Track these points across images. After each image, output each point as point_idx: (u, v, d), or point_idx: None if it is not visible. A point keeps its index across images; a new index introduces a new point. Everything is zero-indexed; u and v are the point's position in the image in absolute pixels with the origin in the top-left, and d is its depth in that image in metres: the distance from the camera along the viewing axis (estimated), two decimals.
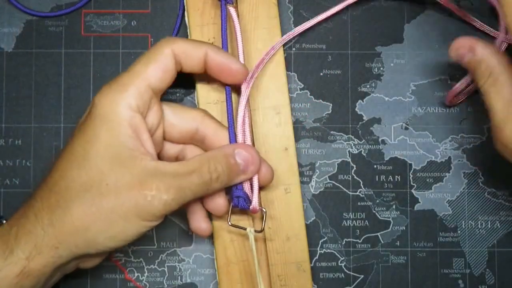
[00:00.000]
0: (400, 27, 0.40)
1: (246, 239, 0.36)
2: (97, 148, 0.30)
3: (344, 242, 0.39)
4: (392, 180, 0.39)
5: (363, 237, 0.39)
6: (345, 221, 0.39)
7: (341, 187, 0.39)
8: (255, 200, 0.34)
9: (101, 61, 0.40)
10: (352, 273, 0.39)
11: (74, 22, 0.40)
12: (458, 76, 0.39)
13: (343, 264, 0.39)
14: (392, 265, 0.39)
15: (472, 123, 0.40)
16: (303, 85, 0.40)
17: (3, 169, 0.39)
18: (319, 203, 0.39)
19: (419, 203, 0.39)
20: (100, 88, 0.31)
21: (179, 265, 0.39)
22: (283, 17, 0.39)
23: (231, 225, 0.35)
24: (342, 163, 0.39)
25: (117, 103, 0.30)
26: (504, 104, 0.31)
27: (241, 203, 0.34)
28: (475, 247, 0.39)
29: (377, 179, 0.39)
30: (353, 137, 0.40)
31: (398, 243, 0.39)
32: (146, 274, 0.39)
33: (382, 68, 0.40)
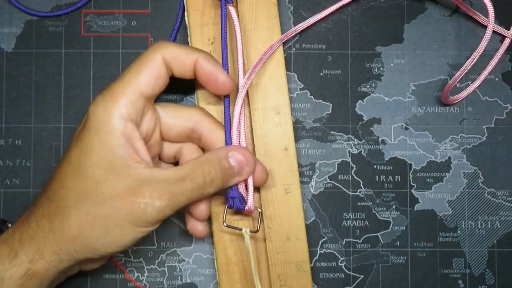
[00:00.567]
0: (400, 27, 0.40)
1: None
2: (91, 158, 0.30)
3: (344, 242, 0.39)
4: (392, 180, 0.39)
5: (363, 237, 0.39)
6: (345, 221, 0.39)
7: (341, 187, 0.39)
8: (250, 201, 0.34)
9: (101, 61, 0.40)
10: (352, 273, 0.39)
11: (74, 22, 0.40)
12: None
13: (343, 264, 0.39)
14: (392, 265, 0.39)
15: (472, 123, 0.40)
16: (303, 85, 0.40)
17: (3, 169, 0.39)
18: (319, 203, 0.39)
19: (419, 203, 0.39)
20: (95, 97, 0.32)
21: (179, 265, 0.39)
22: (283, 17, 0.39)
23: (227, 226, 0.35)
24: (342, 163, 0.39)
25: (109, 113, 0.30)
26: None
27: (236, 203, 0.34)
28: (475, 247, 0.39)
29: (377, 179, 0.39)
30: (353, 137, 0.40)
31: (398, 243, 0.39)
32: (146, 274, 0.39)
33: (382, 68, 0.40)
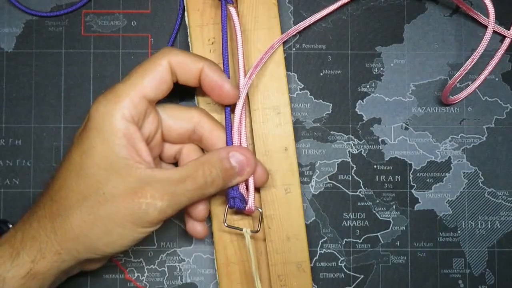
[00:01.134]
0: (400, 27, 0.40)
1: None
2: (93, 158, 0.30)
3: (344, 242, 0.39)
4: (392, 180, 0.39)
5: (363, 237, 0.39)
6: (345, 221, 0.39)
7: (341, 187, 0.39)
8: (250, 201, 0.34)
9: (101, 61, 0.40)
10: (352, 273, 0.39)
11: (74, 22, 0.40)
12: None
13: (343, 264, 0.39)
14: (392, 265, 0.39)
15: (472, 123, 0.40)
16: (303, 85, 0.40)
17: (3, 169, 0.39)
18: (319, 203, 0.39)
19: (419, 203, 0.39)
20: (97, 97, 0.32)
21: (179, 265, 0.39)
22: (283, 17, 0.39)
23: (227, 225, 0.35)
24: (342, 163, 0.39)
25: (111, 114, 0.30)
26: None
27: (237, 203, 0.34)
28: (475, 247, 0.39)
29: (377, 179, 0.39)
30: (353, 137, 0.40)
31: (398, 243, 0.39)
32: (146, 274, 0.39)
33: (382, 68, 0.40)
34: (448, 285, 0.39)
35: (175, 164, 0.36)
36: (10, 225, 0.35)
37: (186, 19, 0.38)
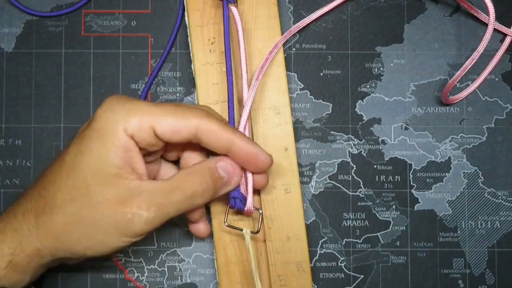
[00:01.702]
0: (400, 27, 0.40)
1: None
2: (87, 160, 0.30)
3: (344, 242, 0.39)
4: (392, 180, 0.39)
5: (363, 237, 0.39)
6: (345, 221, 0.39)
7: (341, 187, 0.39)
8: (249, 202, 0.34)
9: (101, 61, 0.40)
10: (352, 273, 0.39)
11: (74, 22, 0.40)
12: None
13: (343, 264, 0.39)
14: (392, 265, 0.39)
15: (472, 123, 0.40)
16: (303, 85, 0.40)
17: (3, 169, 0.39)
18: (319, 203, 0.39)
19: (419, 203, 0.39)
20: (109, 98, 0.31)
21: (179, 265, 0.39)
22: (283, 17, 0.39)
23: (228, 225, 0.35)
24: (342, 163, 0.39)
25: (117, 122, 0.30)
26: None
27: (238, 204, 0.34)
28: (475, 247, 0.39)
29: (377, 179, 0.39)
30: (353, 137, 0.40)
31: (398, 243, 0.39)
32: (146, 274, 0.39)
33: (382, 68, 0.40)
34: (448, 285, 0.39)
35: (177, 162, 0.36)
36: None
37: (186, 19, 0.38)
